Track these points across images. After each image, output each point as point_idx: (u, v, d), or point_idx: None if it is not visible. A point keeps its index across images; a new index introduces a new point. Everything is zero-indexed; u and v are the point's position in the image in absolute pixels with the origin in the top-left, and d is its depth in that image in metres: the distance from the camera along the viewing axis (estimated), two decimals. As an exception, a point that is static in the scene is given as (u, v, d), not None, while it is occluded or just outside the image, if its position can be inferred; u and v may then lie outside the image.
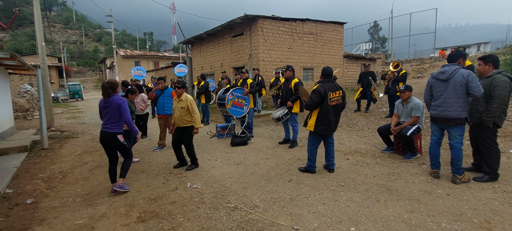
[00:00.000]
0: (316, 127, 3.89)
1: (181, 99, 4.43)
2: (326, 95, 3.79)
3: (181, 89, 4.48)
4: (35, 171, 4.76)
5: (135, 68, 12.20)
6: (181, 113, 4.38)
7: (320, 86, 3.84)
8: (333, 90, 3.87)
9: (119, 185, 3.65)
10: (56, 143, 6.89)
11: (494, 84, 3.34)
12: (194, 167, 4.55)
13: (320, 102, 3.81)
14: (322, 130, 3.88)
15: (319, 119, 3.86)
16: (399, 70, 7.85)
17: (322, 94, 3.78)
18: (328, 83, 3.89)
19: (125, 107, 3.56)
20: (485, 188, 3.38)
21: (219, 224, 2.82)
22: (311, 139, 4.08)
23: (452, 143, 3.55)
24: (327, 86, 3.83)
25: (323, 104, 3.81)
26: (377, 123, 7.44)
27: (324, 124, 3.85)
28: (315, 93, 3.82)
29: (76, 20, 79.91)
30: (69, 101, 23.88)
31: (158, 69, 28.42)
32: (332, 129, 3.95)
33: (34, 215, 3.17)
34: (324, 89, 3.79)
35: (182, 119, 4.39)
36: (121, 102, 3.56)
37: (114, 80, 3.82)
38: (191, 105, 4.36)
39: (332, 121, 3.89)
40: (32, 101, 12.79)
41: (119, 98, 3.59)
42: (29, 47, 47.97)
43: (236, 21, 12.49)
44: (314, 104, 3.84)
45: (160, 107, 5.94)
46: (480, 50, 28.01)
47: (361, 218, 2.81)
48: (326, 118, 3.83)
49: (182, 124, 4.42)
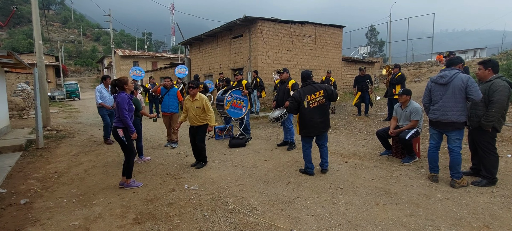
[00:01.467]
0: (300, 130, 4.08)
1: (196, 99, 4.58)
2: (302, 100, 3.91)
3: (196, 89, 4.63)
4: (30, 171, 4.69)
5: (133, 68, 12.19)
6: (197, 112, 4.53)
7: (296, 92, 4.00)
8: (311, 92, 3.95)
9: (127, 184, 3.76)
10: (51, 142, 6.81)
11: (493, 89, 3.35)
12: (204, 164, 4.67)
13: (297, 107, 3.96)
14: (305, 132, 4.02)
15: (301, 123, 4.02)
16: (394, 73, 7.85)
17: (297, 99, 3.93)
18: (305, 87, 4.00)
19: (121, 105, 3.62)
20: (484, 192, 3.37)
21: (217, 226, 2.78)
22: (302, 142, 4.20)
23: (451, 147, 3.55)
24: (303, 91, 3.95)
25: (300, 109, 3.95)
26: (375, 126, 7.44)
27: (305, 126, 3.98)
28: (291, 99, 3.99)
29: (75, 19, 79.62)
30: (65, 100, 23.71)
31: (157, 69, 28.32)
32: (316, 130, 4.00)
33: (28, 215, 3.11)
34: (299, 94, 3.94)
35: (197, 117, 4.54)
36: (119, 100, 3.65)
37: (123, 77, 3.88)
38: (206, 104, 4.51)
39: (317, 122, 3.95)
40: (28, 100, 12.67)
41: (119, 95, 3.68)
42: (26, 45, 47.68)
43: (235, 22, 12.49)
44: (292, 110, 4.04)
45: (165, 105, 6.10)
46: (476, 56, 28.26)
47: (360, 222, 2.79)
48: (308, 121, 3.94)
49: (198, 122, 4.56)
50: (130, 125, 3.70)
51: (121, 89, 3.81)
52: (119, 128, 3.69)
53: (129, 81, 3.90)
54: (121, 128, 3.69)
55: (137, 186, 3.81)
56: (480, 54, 29.67)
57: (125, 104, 3.65)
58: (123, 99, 3.66)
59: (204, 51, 16.74)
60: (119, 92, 3.76)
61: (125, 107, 3.64)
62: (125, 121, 3.65)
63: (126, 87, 3.81)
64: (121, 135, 3.69)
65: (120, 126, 3.69)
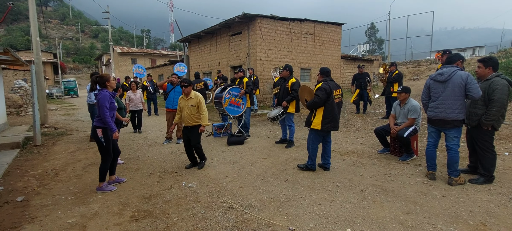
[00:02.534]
0: (324, 124, 3.90)
1: (190, 97, 4.36)
2: (332, 92, 3.86)
3: (189, 88, 4.39)
4: (27, 168, 4.67)
5: (136, 66, 12.40)
6: (192, 111, 4.30)
7: (325, 84, 3.90)
8: (335, 88, 3.97)
9: (99, 187, 3.62)
10: (49, 139, 6.78)
11: (493, 88, 3.34)
12: (204, 162, 4.54)
13: (326, 99, 3.85)
14: (330, 126, 3.93)
15: (326, 116, 3.90)
16: (391, 71, 7.83)
17: (328, 91, 3.84)
18: (330, 81, 3.97)
19: (101, 103, 3.44)
20: (481, 190, 3.38)
21: (214, 224, 2.77)
22: (312, 138, 4.09)
23: (448, 144, 3.55)
24: (330, 84, 3.91)
25: (328, 101, 3.86)
26: (373, 124, 7.45)
27: (331, 120, 3.91)
28: (321, 90, 3.86)
29: (73, 16, 79.05)
30: (63, 98, 23.63)
31: (155, 67, 28.23)
32: (337, 124, 4.02)
33: (25, 213, 3.10)
34: (329, 87, 3.86)
35: (192, 116, 4.32)
36: (99, 97, 3.48)
37: (105, 74, 3.70)
38: (200, 103, 4.31)
39: (338, 117, 3.98)
40: (25, 97, 12.61)
41: (99, 93, 3.51)
42: (24, 42, 47.37)
43: (234, 20, 12.44)
44: (320, 102, 3.86)
45: (170, 102, 6.13)
46: (476, 54, 28.30)
47: (357, 219, 2.79)
48: (333, 114, 3.90)
49: (193, 122, 4.33)
50: (110, 124, 3.49)
51: (103, 87, 3.58)
52: (98, 128, 3.50)
53: (111, 79, 3.67)
54: (101, 128, 3.51)
55: (109, 190, 3.61)
56: (479, 52, 29.71)
57: (106, 102, 3.45)
58: (104, 97, 3.46)
59: (203, 48, 16.69)
60: (100, 89, 3.55)
61: (106, 106, 3.44)
62: (106, 119, 3.45)
63: (107, 84, 3.58)
64: (99, 135, 3.50)
65: (100, 126, 3.51)
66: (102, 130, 3.51)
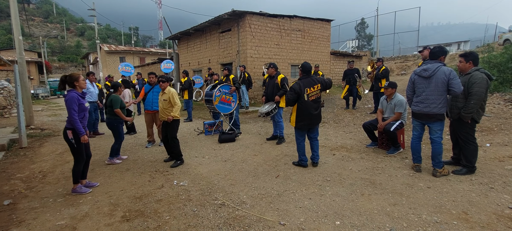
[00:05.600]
0: (297, 122, 4.05)
1: (164, 92, 4.57)
2: (302, 92, 3.93)
3: (166, 83, 4.58)
4: (13, 171, 4.56)
5: (122, 64, 12.03)
6: (164, 105, 4.53)
7: (296, 83, 3.98)
8: (310, 85, 4.00)
9: (73, 189, 3.56)
10: (36, 141, 6.62)
11: (472, 82, 3.46)
12: (179, 164, 4.51)
13: (296, 99, 3.95)
14: (302, 125, 4.04)
15: (299, 115, 4.01)
16: (378, 67, 7.99)
17: (297, 91, 3.92)
18: (305, 79, 4.02)
19: (69, 105, 3.34)
20: (463, 180, 3.52)
21: (206, 221, 2.80)
22: (295, 134, 4.22)
23: (433, 137, 3.67)
24: (303, 83, 3.97)
25: (300, 101, 3.95)
26: (362, 119, 7.59)
27: (303, 119, 4.01)
28: (290, 91, 3.97)
29: (57, 14, 76.79)
30: (50, 98, 23.01)
31: (144, 65, 27.79)
32: (313, 122, 4.07)
33: (12, 216, 3.04)
34: (299, 87, 3.94)
35: (165, 110, 4.53)
36: (66, 99, 3.36)
37: (75, 73, 3.57)
38: (172, 97, 4.49)
39: (313, 114, 4.03)
40: (9, 98, 12.22)
41: (67, 94, 3.39)
42: (6, 41, 45.80)
43: (223, 17, 12.37)
44: (290, 102, 4.00)
45: (148, 103, 5.77)
46: (460, 48, 29.05)
47: (346, 212, 2.87)
48: (305, 113, 3.97)
49: (166, 116, 4.51)
50: (78, 126, 3.39)
51: (71, 87, 3.43)
52: (68, 129, 3.42)
53: (81, 78, 3.53)
54: (70, 129, 3.42)
55: (84, 192, 3.56)
56: (463, 47, 30.51)
57: (73, 104, 3.34)
58: (71, 99, 3.34)
59: (193, 46, 16.54)
60: (68, 90, 3.41)
61: (74, 108, 3.34)
62: (74, 122, 3.36)
63: (76, 84, 3.45)
64: (70, 136, 3.42)
65: (68, 127, 3.42)
66: (72, 131, 3.43)
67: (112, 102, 4.74)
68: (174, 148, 4.51)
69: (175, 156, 4.56)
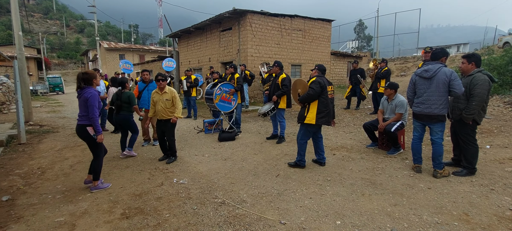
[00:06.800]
0: (318, 118, 3.93)
1: (165, 91, 4.52)
2: (326, 87, 3.95)
3: (164, 82, 4.55)
4: (12, 167, 4.53)
5: (123, 61, 12.08)
6: (166, 105, 4.49)
7: (320, 78, 3.98)
8: (329, 84, 4.07)
9: (94, 186, 3.53)
10: (34, 137, 6.59)
11: (474, 83, 3.46)
12: (174, 159, 4.62)
13: (320, 92, 3.92)
14: (325, 120, 3.98)
15: (321, 110, 3.95)
16: (380, 68, 7.99)
17: (322, 84, 3.92)
18: (324, 78, 4.07)
19: (92, 102, 3.30)
20: (464, 181, 3.52)
21: (206, 219, 2.79)
22: (303, 134, 4.11)
23: (433, 138, 3.66)
24: (324, 80, 4.01)
25: (323, 95, 3.94)
26: (362, 119, 7.59)
27: (326, 114, 3.97)
28: (315, 84, 3.92)
29: (57, 10, 76.49)
30: (49, 94, 22.92)
31: (144, 62, 27.71)
32: (331, 117, 4.10)
33: (10, 213, 3.02)
34: (323, 81, 3.96)
35: (166, 110, 4.50)
36: (89, 97, 3.30)
37: (91, 71, 3.56)
38: (175, 97, 4.51)
39: (332, 110, 4.08)
40: (8, 94, 12.16)
41: (88, 91, 3.35)
42: (5, 37, 45.61)
43: (224, 15, 12.33)
44: (315, 95, 3.91)
45: (144, 101, 5.72)
46: (460, 51, 29.11)
47: (346, 212, 2.86)
48: (327, 107, 3.97)
49: (167, 116, 4.51)
50: (97, 125, 3.39)
51: (89, 84, 3.40)
52: (88, 126, 3.38)
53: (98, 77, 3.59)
54: (91, 126, 3.39)
55: (105, 187, 3.57)
56: (463, 49, 30.56)
57: (96, 101, 3.33)
58: (94, 96, 3.31)
59: (193, 44, 16.50)
60: (86, 87, 3.37)
61: (96, 105, 3.32)
62: (94, 120, 3.33)
63: (94, 82, 3.45)
64: (91, 133, 3.39)
65: (89, 124, 3.38)
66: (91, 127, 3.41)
67: (130, 99, 4.85)
68: (172, 146, 4.61)
69: (172, 153, 4.65)
